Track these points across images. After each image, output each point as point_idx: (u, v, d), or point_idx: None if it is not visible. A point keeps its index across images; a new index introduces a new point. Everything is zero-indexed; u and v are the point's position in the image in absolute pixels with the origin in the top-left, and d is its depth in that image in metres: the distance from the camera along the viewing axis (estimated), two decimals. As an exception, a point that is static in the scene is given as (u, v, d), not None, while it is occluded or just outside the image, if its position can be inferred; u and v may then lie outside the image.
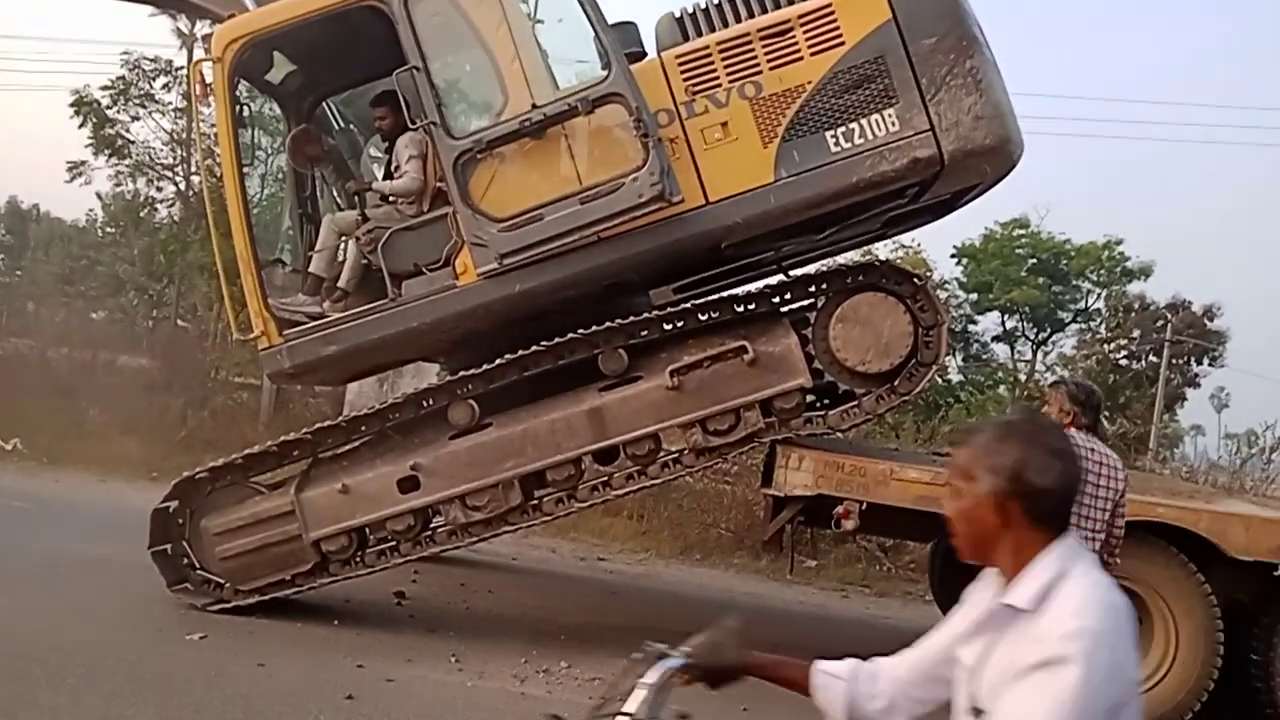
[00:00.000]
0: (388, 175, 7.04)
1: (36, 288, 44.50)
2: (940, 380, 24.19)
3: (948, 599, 8.42)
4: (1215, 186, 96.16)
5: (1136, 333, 36.13)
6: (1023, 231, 36.01)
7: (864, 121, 6.22)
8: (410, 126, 6.48)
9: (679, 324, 6.59)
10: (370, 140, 8.02)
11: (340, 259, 7.02)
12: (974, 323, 36.95)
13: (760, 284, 7.02)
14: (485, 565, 9.20)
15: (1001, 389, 33.60)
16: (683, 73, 6.34)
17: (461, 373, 6.58)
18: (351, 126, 8.35)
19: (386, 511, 6.56)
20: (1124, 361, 36.18)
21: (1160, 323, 36.17)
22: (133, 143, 22.76)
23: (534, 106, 6.18)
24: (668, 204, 6.09)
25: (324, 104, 8.05)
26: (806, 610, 9.41)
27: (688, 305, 6.65)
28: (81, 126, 22.24)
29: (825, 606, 9.69)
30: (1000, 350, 38.13)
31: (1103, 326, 37.16)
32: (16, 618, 6.08)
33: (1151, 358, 36.27)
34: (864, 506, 6.35)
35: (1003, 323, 37.27)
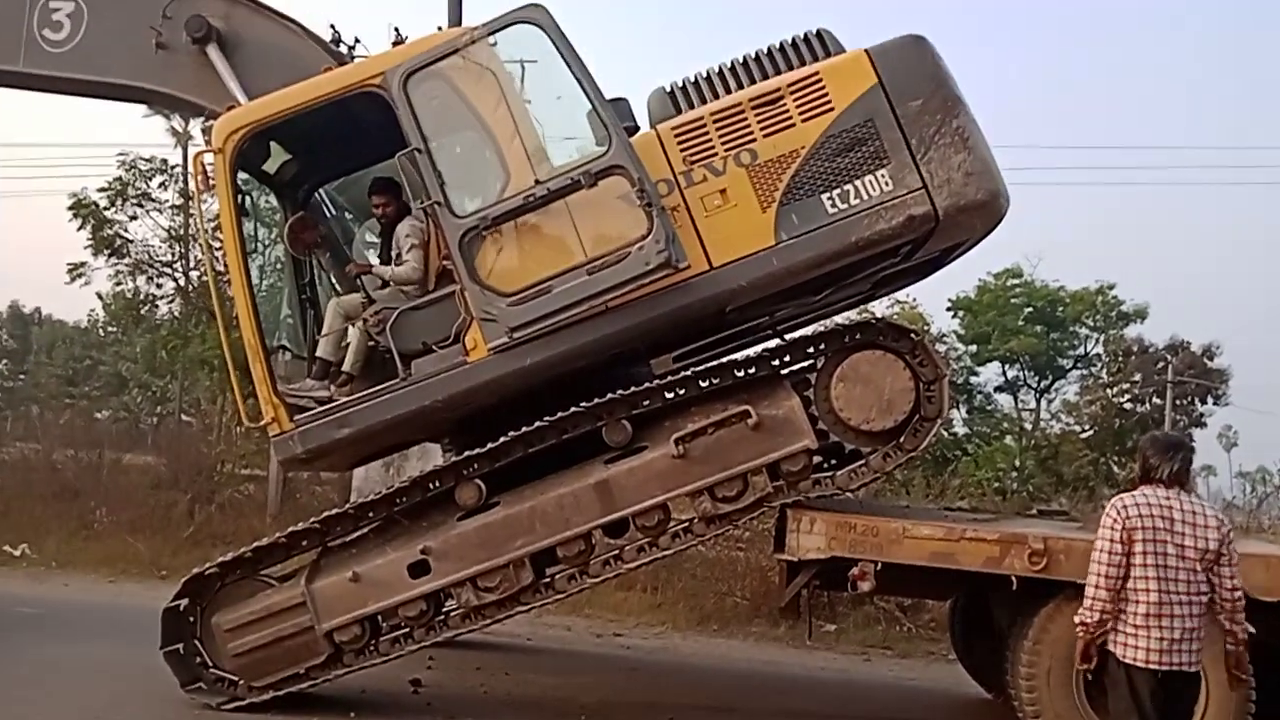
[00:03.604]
0: (386, 260, 7.12)
1: (40, 391, 44.62)
2: (946, 434, 24.13)
3: (970, 656, 8.30)
4: (1203, 225, 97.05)
5: (1138, 376, 36.15)
6: (1016, 281, 36.26)
7: (858, 183, 6.34)
8: (416, 206, 6.54)
9: (680, 392, 6.61)
10: (365, 225, 8.14)
11: (345, 343, 7.07)
12: (975, 374, 37.02)
13: (759, 348, 7.05)
14: (500, 647, 9.08)
15: (1008, 439, 33.51)
16: (679, 143, 6.47)
17: (466, 452, 6.58)
18: (345, 213, 8.48)
19: (398, 598, 6.49)
20: (1128, 405, 36.14)
21: (1161, 364, 36.23)
22: (131, 242, 23.08)
23: (537, 182, 6.28)
24: (674, 270, 6.16)
25: (316, 191, 8.19)
26: (830, 676, 9.26)
27: (688, 373, 6.68)
28: (80, 229, 22.59)
29: (848, 671, 9.54)
30: (1004, 400, 38.14)
31: (1104, 371, 37.19)
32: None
33: (1155, 400, 36.24)
34: (879, 566, 6.28)
35: (1004, 373, 37.33)
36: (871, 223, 6.32)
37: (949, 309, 35.84)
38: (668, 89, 6.76)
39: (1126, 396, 36.37)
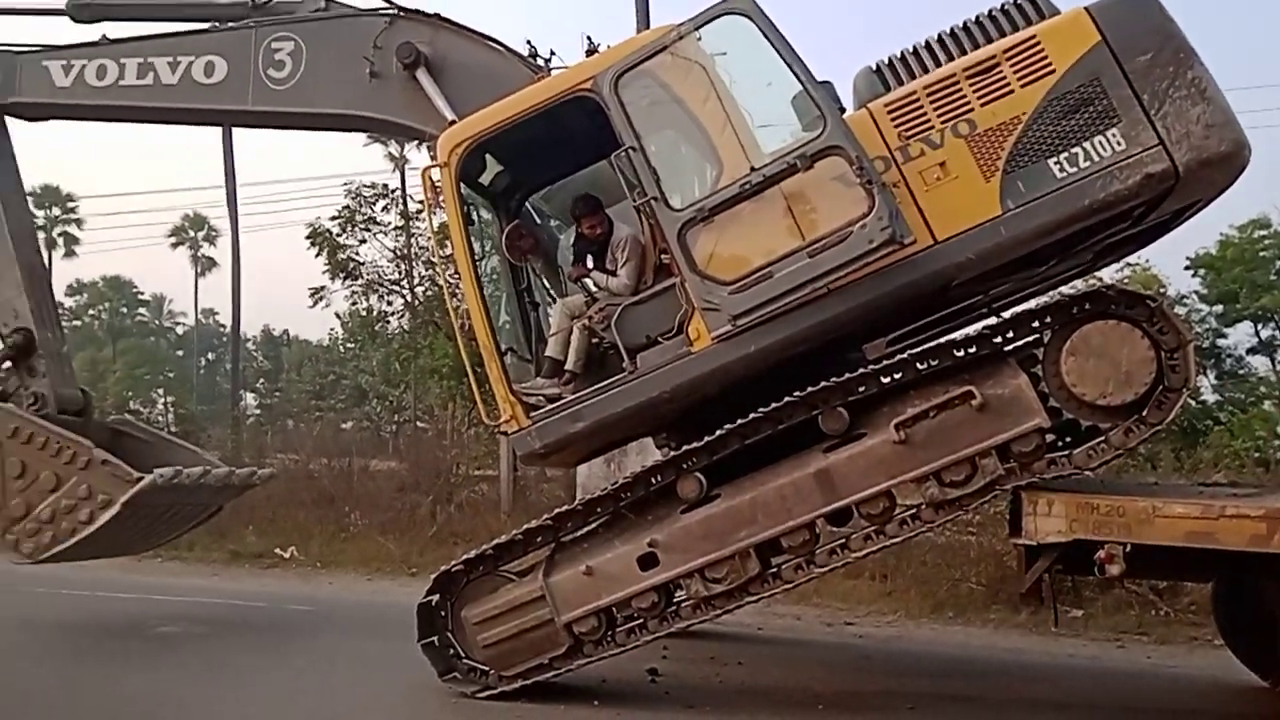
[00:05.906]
0: (600, 267, 7.32)
1: (293, 405, 48.78)
2: (1194, 403, 22.32)
3: (1239, 641, 7.66)
4: None
5: None
6: (1264, 232, 32.94)
7: (1087, 145, 6.09)
8: (635, 202, 6.65)
9: (897, 376, 6.44)
10: (570, 230, 8.42)
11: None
12: (1223, 336, 33.93)
13: (978, 326, 6.79)
14: (732, 637, 9.17)
15: (1267, 404, 30.62)
16: (893, 120, 6.36)
17: (685, 447, 6.69)
18: (550, 220, 8.80)
19: (630, 590, 6.67)
20: None
21: None
22: (362, 264, 24.82)
23: (752, 169, 6.30)
24: (899, 246, 6.06)
25: (526, 201, 8.53)
26: (1079, 664, 8.80)
27: (905, 356, 6.50)
28: (318, 255, 24.52)
29: (1100, 659, 9.03)
30: (1259, 363, 34.76)
31: (1378, 323, 33.27)
32: (310, 713, 6.64)
33: None
34: (1128, 549, 5.92)
35: (1257, 333, 34.04)
36: (1105, 184, 6.04)
37: (1188, 268, 33.05)
38: (874, 67, 6.65)
39: None
